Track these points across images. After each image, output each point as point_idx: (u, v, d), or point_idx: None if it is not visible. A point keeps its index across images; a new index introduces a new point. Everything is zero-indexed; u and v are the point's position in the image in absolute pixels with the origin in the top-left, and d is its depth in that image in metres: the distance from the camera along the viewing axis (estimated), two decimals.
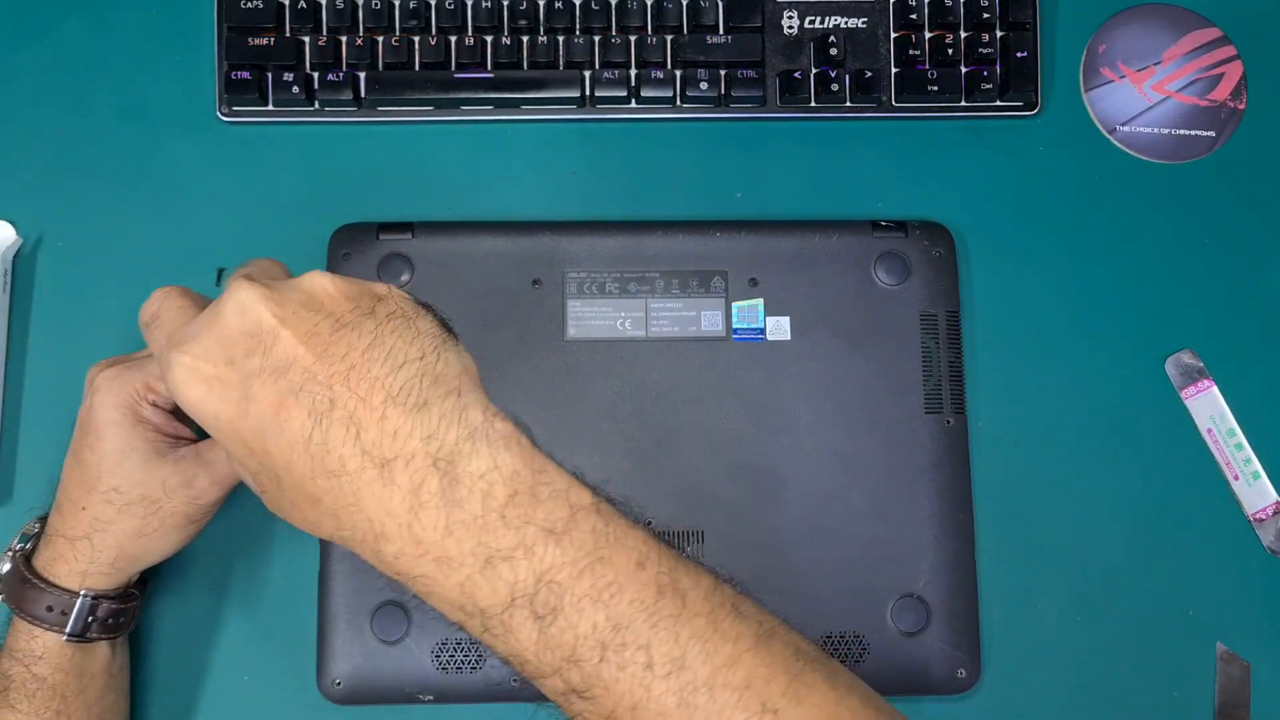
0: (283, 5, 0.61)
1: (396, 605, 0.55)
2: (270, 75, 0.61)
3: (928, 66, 0.62)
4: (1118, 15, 0.65)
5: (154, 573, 0.57)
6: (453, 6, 0.61)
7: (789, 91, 0.62)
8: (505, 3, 0.61)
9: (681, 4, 0.62)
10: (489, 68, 0.61)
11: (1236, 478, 0.60)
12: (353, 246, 0.59)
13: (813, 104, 0.62)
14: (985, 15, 0.62)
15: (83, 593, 0.50)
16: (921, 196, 0.62)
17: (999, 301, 0.61)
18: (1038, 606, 0.59)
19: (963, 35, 0.62)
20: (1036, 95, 0.62)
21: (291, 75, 0.60)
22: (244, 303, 0.38)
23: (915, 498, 0.57)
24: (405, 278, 0.58)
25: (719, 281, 0.59)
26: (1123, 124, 0.64)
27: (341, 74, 0.60)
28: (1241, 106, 0.64)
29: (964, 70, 0.62)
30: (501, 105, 0.61)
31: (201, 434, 0.52)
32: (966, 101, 0.62)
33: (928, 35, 0.62)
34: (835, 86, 0.62)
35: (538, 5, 0.61)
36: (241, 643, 0.57)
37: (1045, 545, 0.59)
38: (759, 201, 0.62)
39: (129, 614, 0.52)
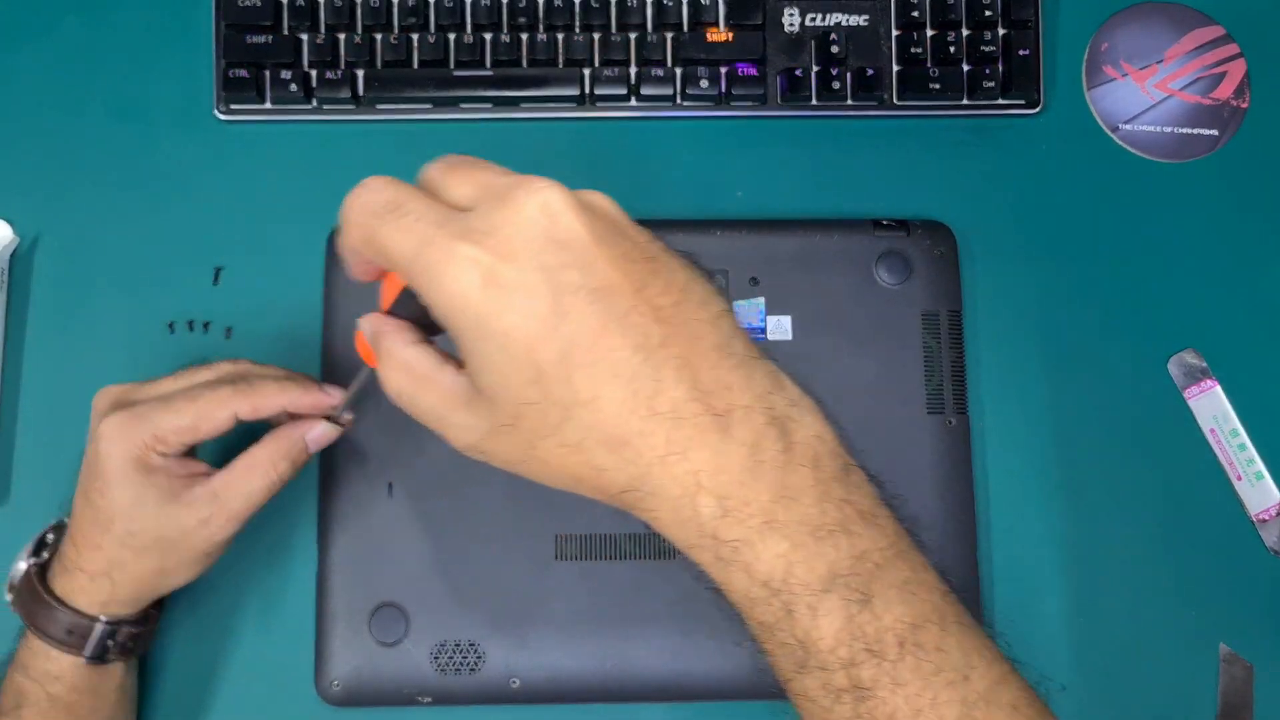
0: (281, 3, 0.61)
1: (395, 607, 0.55)
2: (268, 74, 0.60)
3: (929, 65, 0.62)
4: (1120, 13, 0.65)
5: None
6: (452, 4, 0.60)
7: (790, 89, 0.61)
8: (504, 0, 0.61)
9: (682, 1, 0.61)
10: (488, 65, 0.61)
11: (1239, 478, 0.60)
12: None
13: (814, 102, 0.62)
14: (987, 13, 0.61)
15: (103, 619, 0.50)
16: (923, 195, 0.62)
17: (1001, 301, 0.61)
18: (1039, 606, 0.58)
19: (965, 33, 0.62)
20: (1039, 94, 0.62)
21: (290, 74, 0.60)
22: (552, 205, 0.34)
23: (917, 498, 0.56)
24: None
25: (719, 280, 0.59)
26: (1125, 122, 0.63)
27: (340, 72, 0.60)
28: (1244, 105, 0.63)
29: (966, 68, 0.62)
30: (501, 103, 0.61)
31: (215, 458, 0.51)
32: (968, 100, 0.62)
33: (929, 33, 0.62)
34: (837, 85, 0.61)
35: (537, 3, 0.61)
36: (240, 644, 0.57)
37: (1047, 545, 0.59)
38: (760, 200, 0.62)
39: (147, 635, 0.52)
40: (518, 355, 0.33)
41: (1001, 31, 0.62)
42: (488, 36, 0.61)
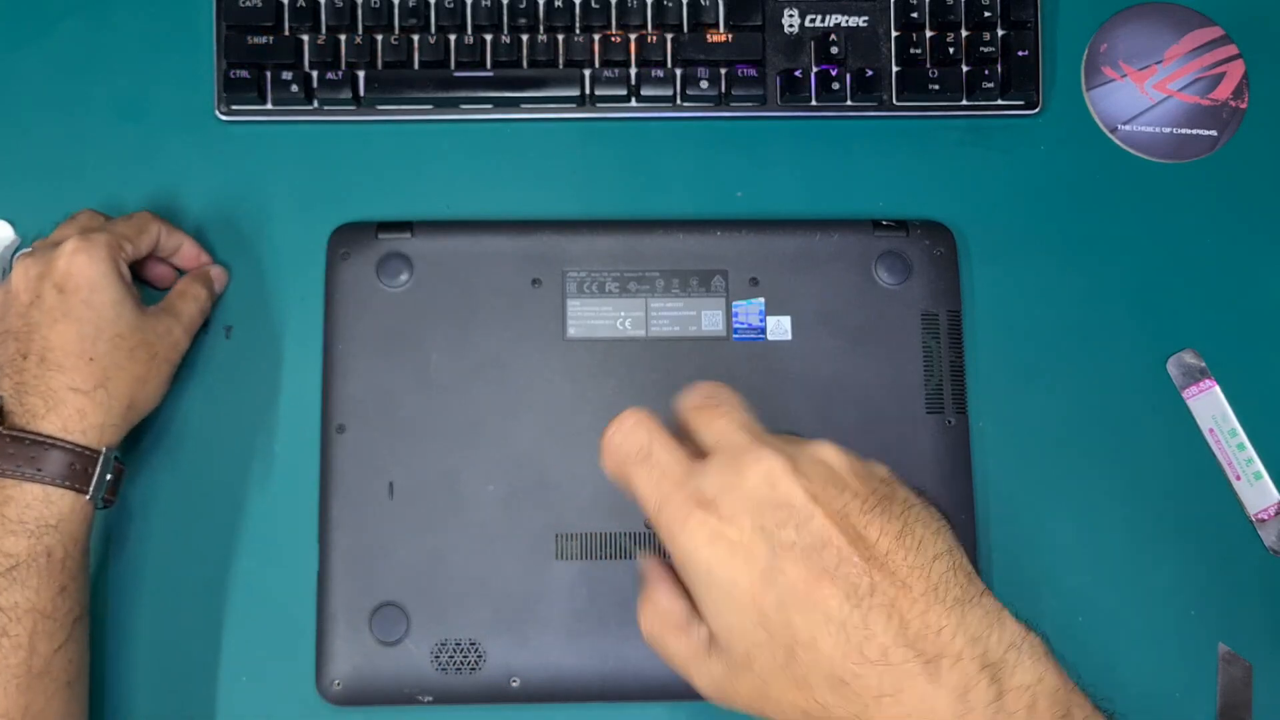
0: (281, 4, 0.61)
1: (396, 606, 0.55)
2: (269, 74, 0.61)
3: (929, 65, 0.62)
4: (1119, 14, 0.65)
5: (154, 573, 0.57)
6: (452, 5, 0.61)
7: (790, 90, 0.61)
8: (505, 1, 0.61)
9: (682, 2, 0.61)
10: (489, 66, 0.61)
11: (1238, 478, 0.60)
12: (352, 246, 0.59)
13: (813, 103, 0.62)
14: (986, 14, 0.61)
15: (104, 449, 0.51)
16: (922, 196, 0.62)
17: (1000, 301, 0.61)
18: (1038, 606, 0.58)
19: (964, 34, 0.62)
20: (1038, 94, 0.62)
21: (290, 74, 0.60)
22: (773, 473, 0.38)
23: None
24: (405, 277, 0.58)
25: (719, 281, 0.59)
26: (1124, 123, 0.63)
27: (341, 73, 0.60)
28: (1243, 106, 0.64)
29: (965, 69, 0.62)
30: (501, 104, 0.61)
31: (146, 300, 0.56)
32: (968, 100, 0.62)
33: (929, 34, 0.62)
34: (836, 85, 0.61)
35: (537, 4, 0.61)
36: (241, 643, 0.57)
37: (1046, 545, 0.59)
38: (759, 200, 0.62)
39: (120, 476, 0.53)
40: (743, 602, 0.38)
41: (1000, 32, 0.62)
42: (488, 37, 0.61)
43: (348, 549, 0.56)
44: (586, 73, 0.61)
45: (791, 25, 0.62)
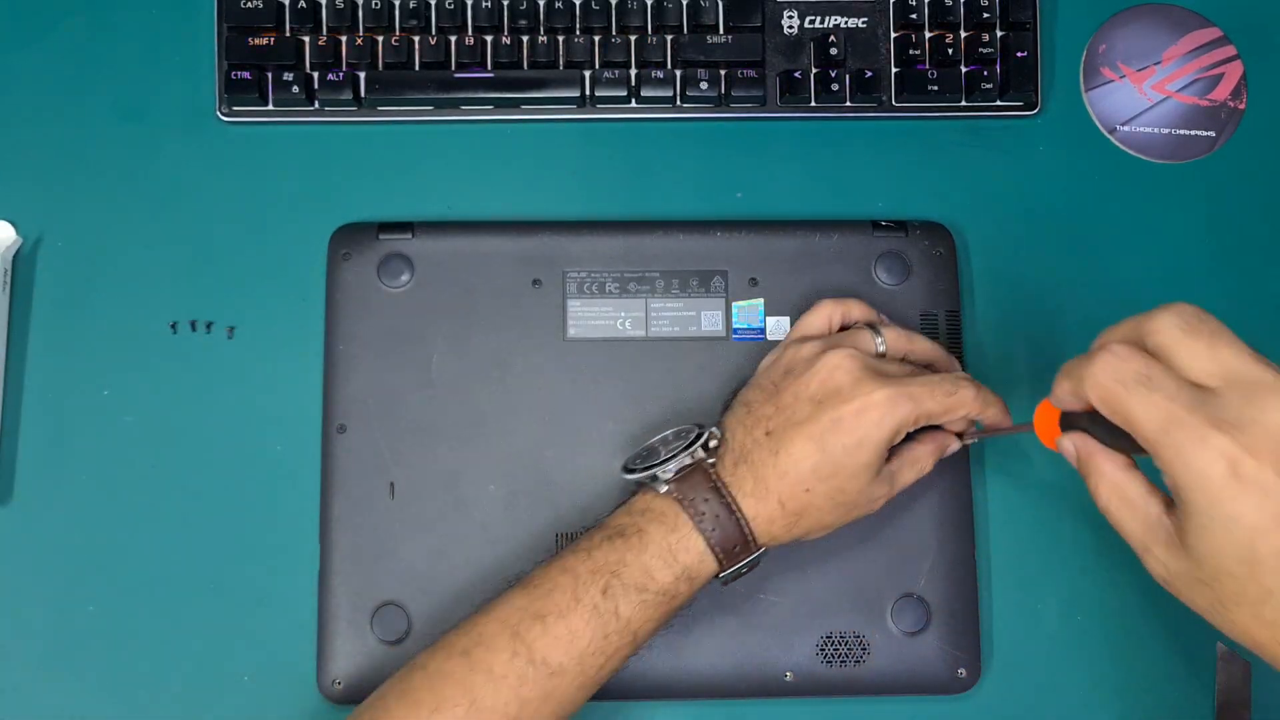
0: (283, 5, 0.61)
1: (397, 606, 0.55)
2: (270, 75, 0.61)
3: (928, 66, 0.62)
4: (1118, 15, 0.65)
5: (154, 573, 0.57)
6: (453, 6, 0.61)
7: (789, 91, 0.62)
8: (505, 2, 0.61)
9: (681, 4, 0.62)
10: (489, 67, 0.61)
11: None
12: (353, 246, 0.59)
13: (813, 104, 0.62)
14: (985, 15, 0.62)
15: (761, 549, 0.50)
16: (921, 196, 0.62)
17: (999, 301, 0.61)
18: (1038, 606, 0.59)
19: (963, 35, 0.62)
20: (1036, 95, 0.62)
21: (291, 75, 0.60)
22: None
23: (915, 498, 0.57)
24: (405, 277, 0.58)
25: (719, 281, 0.59)
26: (1123, 124, 0.64)
27: (341, 74, 0.60)
28: (1241, 106, 0.64)
29: (964, 70, 0.62)
30: (501, 105, 0.61)
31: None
32: (967, 101, 0.62)
33: (928, 35, 0.62)
34: (835, 86, 0.62)
35: (538, 5, 0.61)
36: (241, 643, 0.57)
37: (1045, 545, 0.59)
38: (759, 201, 0.62)
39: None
40: (1239, 539, 0.38)
41: (999, 33, 0.62)
42: (488, 38, 0.61)
43: (349, 549, 0.56)
44: (586, 74, 0.61)
45: (791, 26, 0.62)
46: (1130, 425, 0.40)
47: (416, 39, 0.61)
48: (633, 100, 0.62)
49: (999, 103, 0.62)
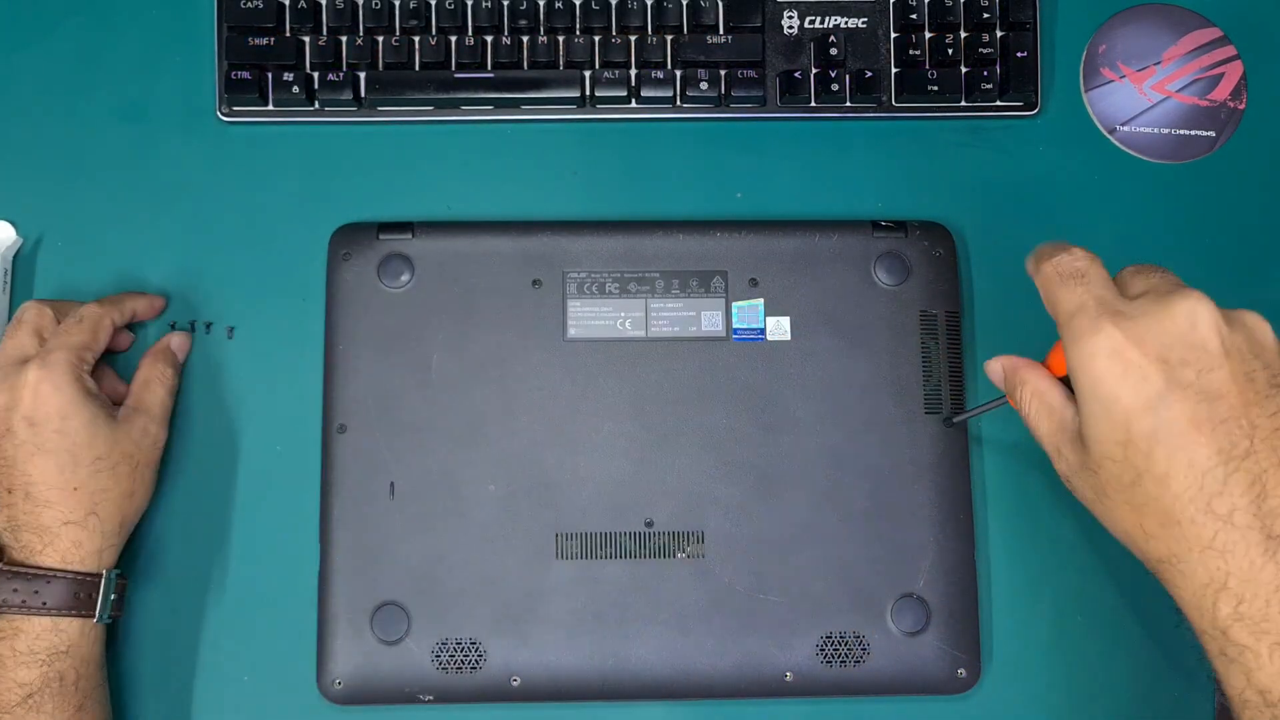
0: (283, 5, 0.61)
1: (397, 606, 0.55)
2: (270, 75, 0.61)
3: (928, 66, 0.62)
4: (1118, 15, 0.65)
5: (155, 573, 0.57)
6: (453, 6, 0.61)
7: (789, 91, 0.62)
8: (505, 3, 0.61)
9: (681, 4, 0.62)
10: (489, 68, 0.61)
11: None
12: (353, 246, 0.59)
13: (813, 104, 0.62)
14: (985, 15, 0.62)
15: (104, 569, 0.51)
16: (921, 196, 0.62)
17: (999, 301, 0.61)
18: (1038, 606, 0.59)
19: (963, 35, 0.62)
20: (1036, 95, 0.62)
21: (292, 75, 0.60)
22: (1198, 314, 0.40)
23: (915, 498, 0.57)
24: (406, 278, 0.58)
25: (719, 281, 0.59)
26: (1123, 124, 0.64)
27: (342, 74, 0.60)
28: (1241, 106, 0.64)
29: (964, 70, 0.62)
30: (501, 105, 0.61)
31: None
32: (966, 101, 0.62)
33: (928, 35, 0.62)
34: (835, 86, 0.62)
35: (538, 5, 0.61)
36: (241, 643, 0.57)
37: (1045, 545, 0.59)
38: (759, 201, 0.62)
39: (124, 591, 0.54)
40: (1116, 419, 0.40)
41: (999, 33, 0.62)
42: (489, 39, 0.61)
43: (349, 548, 0.56)
44: (587, 74, 0.61)
45: (791, 27, 0.62)
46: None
47: (416, 39, 0.61)
48: (633, 100, 0.62)
49: (999, 103, 0.62)
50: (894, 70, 0.62)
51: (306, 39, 0.61)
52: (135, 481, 0.53)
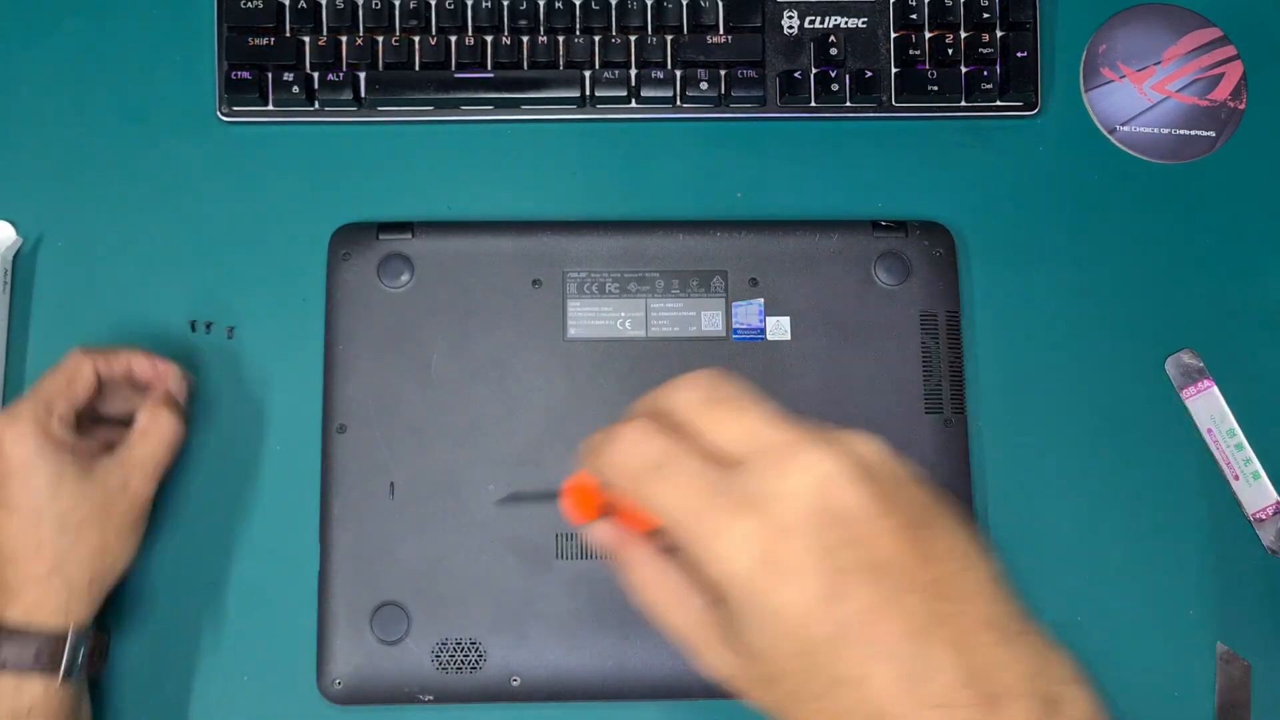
0: (283, 5, 0.61)
1: (396, 605, 0.55)
2: (270, 75, 0.61)
3: (928, 66, 0.62)
4: (1118, 15, 0.65)
5: (154, 574, 0.57)
6: (453, 6, 0.61)
7: (789, 91, 0.62)
8: (505, 3, 0.61)
9: (681, 4, 0.62)
10: (489, 68, 0.61)
11: (1237, 477, 0.60)
12: (353, 246, 0.59)
13: (813, 104, 0.62)
14: (985, 15, 0.62)
15: (72, 626, 0.49)
16: (921, 196, 0.62)
17: (999, 301, 0.61)
18: (1037, 606, 0.58)
19: (963, 35, 0.62)
20: (1036, 95, 0.62)
21: (292, 75, 0.60)
22: (828, 479, 0.33)
23: None
24: (405, 278, 0.58)
25: (719, 281, 0.59)
26: (1123, 124, 0.64)
27: (342, 74, 0.60)
28: (1241, 106, 0.64)
29: (964, 70, 0.62)
30: (501, 105, 0.61)
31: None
32: (966, 101, 0.62)
33: (928, 35, 0.62)
34: (835, 86, 0.62)
35: (538, 5, 0.61)
36: (241, 643, 0.57)
37: (1045, 545, 0.59)
38: (759, 201, 0.62)
39: (105, 646, 0.53)
40: (788, 631, 0.33)
41: (999, 33, 0.62)
42: (489, 39, 0.61)
43: (349, 548, 0.56)
44: (586, 74, 0.61)
45: (791, 26, 0.62)
46: (656, 515, 0.35)
47: (416, 39, 0.61)
48: (633, 100, 0.62)
49: (999, 103, 0.62)
50: (894, 70, 0.62)
51: (306, 39, 0.61)
52: (108, 537, 0.50)
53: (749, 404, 0.36)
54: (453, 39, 0.61)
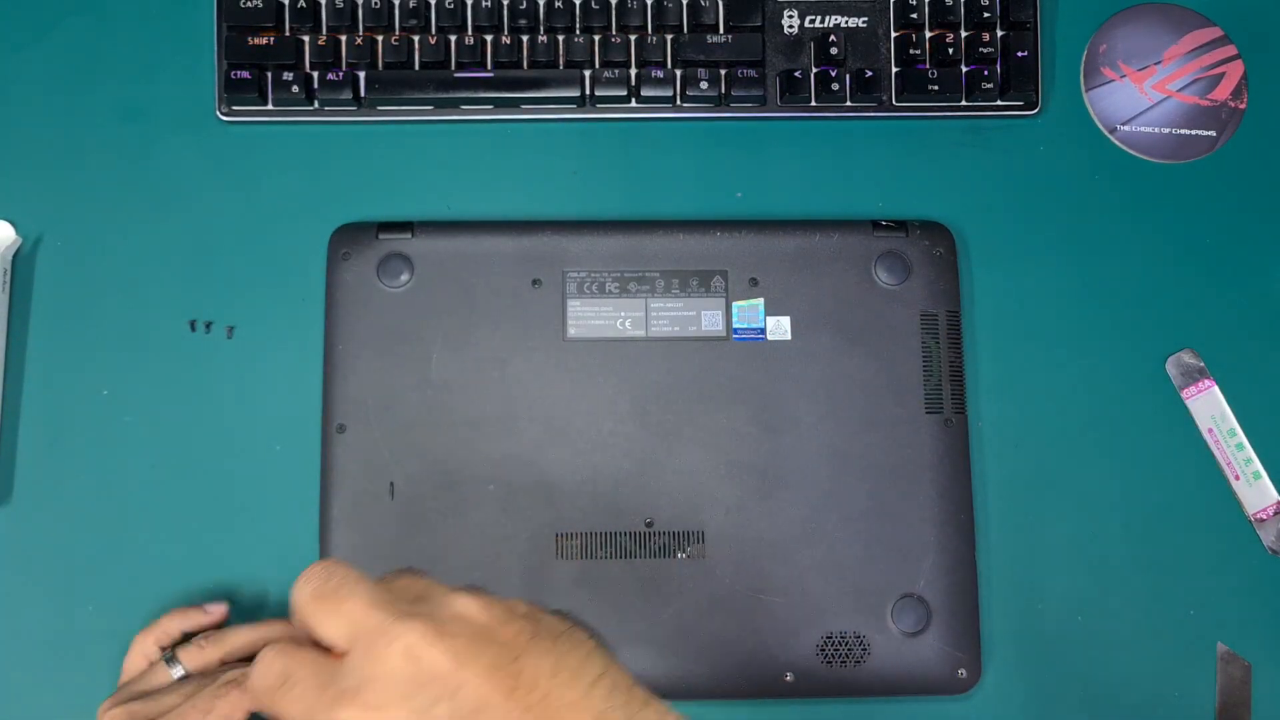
0: (282, 4, 0.61)
1: None
2: (270, 75, 0.61)
3: (928, 66, 0.62)
4: (1118, 15, 0.65)
5: (155, 574, 0.57)
6: (453, 6, 0.61)
7: (789, 91, 0.62)
8: (505, 2, 0.61)
9: (681, 3, 0.61)
10: (489, 67, 0.61)
11: (1237, 478, 0.60)
12: (353, 246, 0.59)
13: (813, 103, 0.62)
14: (986, 15, 0.62)
15: None
16: (922, 196, 0.62)
17: (999, 301, 0.61)
18: (1038, 606, 0.59)
19: (963, 35, 0.62)
20: (1037, 95, 0.62)
21: (291, 75, 0.60)
22: (413, 648, 0.36)
23: (915, 498, 0.57)
24: (405, 277, 0.58)
25: (719, 281, 0.59)
26: (1123, 123, 0.64)
27: (341, 73, 0.60)
28: (1242, 106, 0.64)
29: (964, 70, 0.62)
30: (501, 105, 0.61)
31: None
32: (967, 101, 0.62)
33: (928, 35, 0.62)
34: (835, 86, 0.61)
35: (538, 5, 0.61)
36: None
37: (1046, 545, 0.59)
38: (759, 201, 0.62)
39: None
40: None
41: (1000, 33, 0.62)
42: (488, 38, 0.61)
43: (348, 549, 0.56)
44: (586, 73, 0.61)
45: (791, 26, 0.62)
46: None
47: (416, 39, 0.61)
48: (632, 100, 0.62)
49: (999, 102, 0.62)
50: (894, 70, 0.62)
51: (306, 39, 0.61)
52: None
53: (350, 592, 0.38)
54: (452, 38, 0.61)
